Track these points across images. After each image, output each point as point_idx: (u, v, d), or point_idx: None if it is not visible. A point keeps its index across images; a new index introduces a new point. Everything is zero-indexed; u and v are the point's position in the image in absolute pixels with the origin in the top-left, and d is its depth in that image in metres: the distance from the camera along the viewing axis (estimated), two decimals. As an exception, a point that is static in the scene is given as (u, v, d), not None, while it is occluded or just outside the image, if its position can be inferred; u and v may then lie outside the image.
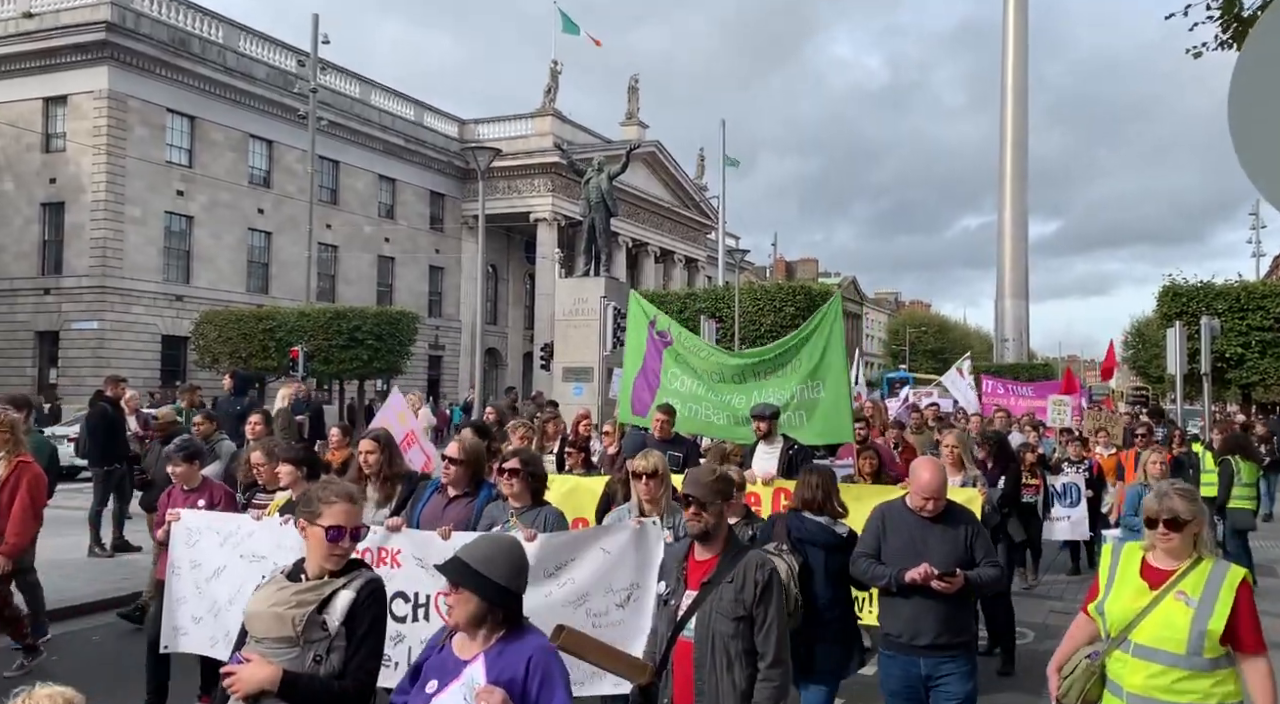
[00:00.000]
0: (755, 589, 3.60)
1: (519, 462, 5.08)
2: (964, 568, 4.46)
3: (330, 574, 3.09)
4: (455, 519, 5.19)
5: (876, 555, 4.67)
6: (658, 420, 8.12)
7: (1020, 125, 54.23)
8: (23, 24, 33.67)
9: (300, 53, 36.03)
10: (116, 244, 33.35)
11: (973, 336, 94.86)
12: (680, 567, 3.82)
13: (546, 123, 48.32)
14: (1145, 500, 3.59)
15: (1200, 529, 3.48)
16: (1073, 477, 10.67)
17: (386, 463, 5.83)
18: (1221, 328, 21.54)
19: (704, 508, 3.69)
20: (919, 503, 4.58)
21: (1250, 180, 2.82)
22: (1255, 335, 22.54)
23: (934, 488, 4.55)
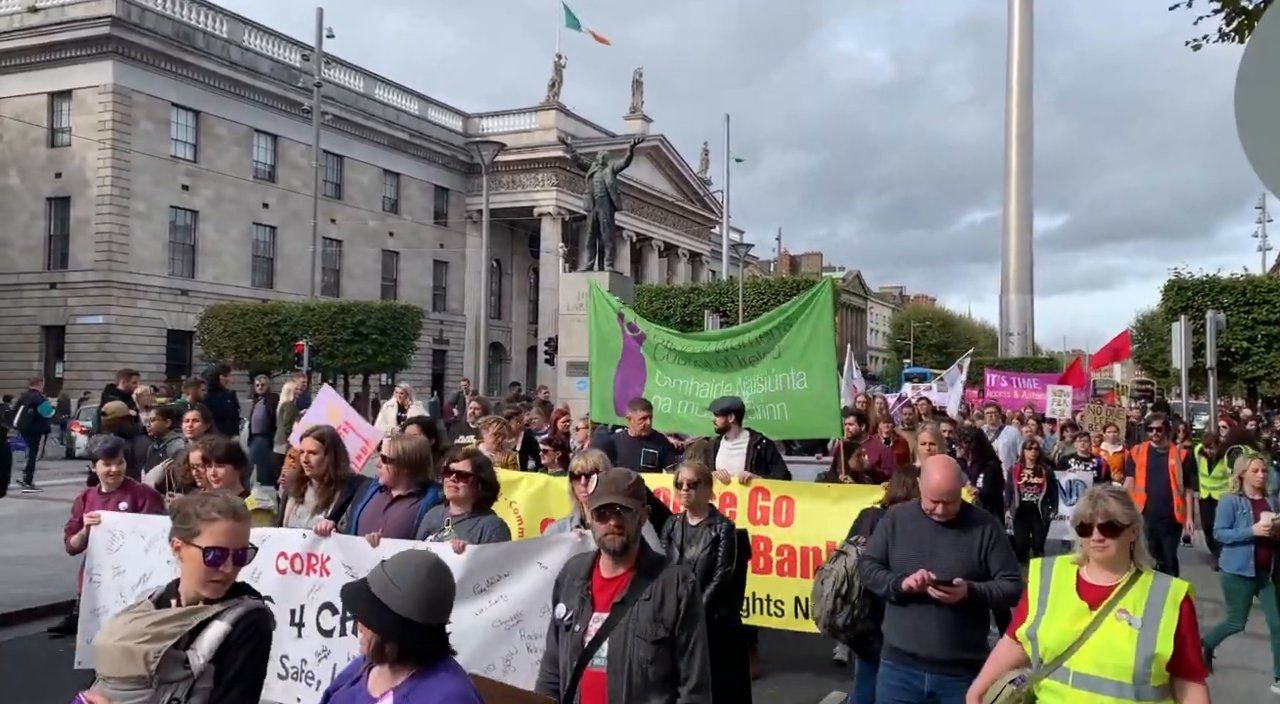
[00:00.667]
0: (678, 606, 3.19)
1: (469, 464, 4.56)
2: (976, 577, 4.11)
3: (205, 601, 2.64)
4: (395, 523, 4.79)
5: (885, 562, 4.38)
6: (636, 417, 7.64)
7: (1025, 119, 54.12)
8: (28, 18, 33.72)
9: (305, 47, 36.01)
10: (122, 238, 33.43)
11: (977, 331, 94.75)
12: (584, 586, 3.33)
13: (550, 117, 48.30)
14: (1078, 504, 3.26)
15: (1137, 537, 3.19)
16: (1080, 474, 10.25)
17: (331, 464, 5.32)
18: (1227, 322, 21.51)
19: (625, 519, 3.23)
20: (929, 506, 4.23)
21: (1255, 171, 2.83)
22: (1261, 329, 22.50)
23: (945, 489, 4.17)
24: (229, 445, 5.71)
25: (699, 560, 5.04)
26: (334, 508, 5.19)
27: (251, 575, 4.53)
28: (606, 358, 8.29)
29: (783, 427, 7.52)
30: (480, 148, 21.85)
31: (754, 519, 6.46)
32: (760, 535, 6.40)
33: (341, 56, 41.99)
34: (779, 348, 7.38)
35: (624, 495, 3.27)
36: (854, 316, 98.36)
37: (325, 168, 38.20)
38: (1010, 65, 54.39)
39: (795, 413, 7.36)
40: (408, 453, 4.96)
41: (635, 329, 8.12)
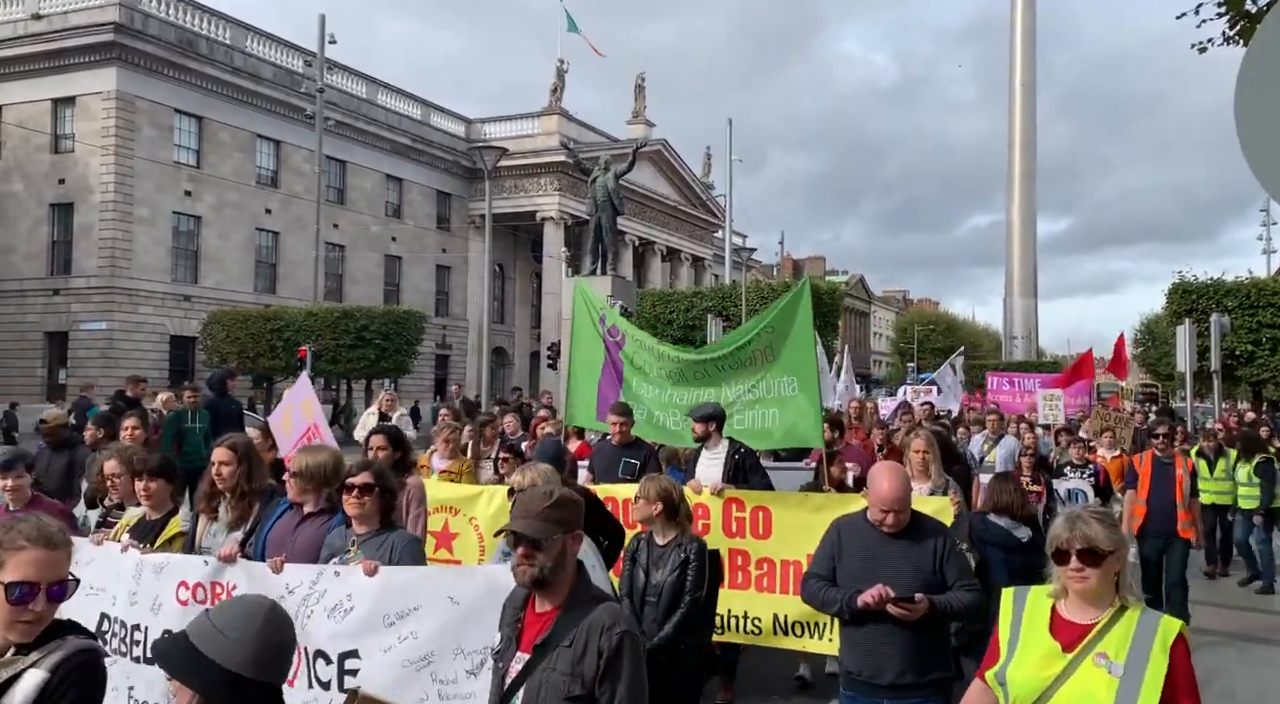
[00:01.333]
0: (599, 660, 2.69)
1: (370, 475, 4.10)
2: (932, 590, 3.79)
3: (17, 648, 2.23)
4: (304, 545, 4.36)
5: (831, 577, 4.01)
6: (614, 423, 7.22)
7: (1029, 123, 54.08)
8: (31, 25, 33.81)
9: (307, 53, 36.12)
10: (125, 244, 33.48)
11: (981, 335, 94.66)
12: (515, 619, 2.94)
13: (553, 122, 48.36)
14: (1053, 526, 2.85)
15: (1122, 566, 2.76)
16: (1078, 482, 9.81)
17: (245, 477, 4.79)
18: (1232, 325, 21.45)
19: (537, 547, 2.76)
20: (878, 516, 3.90)
21: (1256, 177, 2.79)
22: (1266, 332, 22.43)
23: (894, 498, 3.86)
24: (162, 457, 5.28)
25: (666, 585, 4.72)
26: (251, 523, 4.75)
27: (152, 607, 4.31)
28: (590, 362, 7.87)
29: (771, 434, 7.18)
30: (482, 153, 21.87)
31: (729, 532, 6.17)
32: (737, 549, 6.14)
33: (344, 62, 42.06)
34: (771, 351, 7.03)
35: (536, 519, 2.80)
36: (858, 320, 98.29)
37: (328, 173, 38.27)
38: (1013, 68, 54.37)
39: (785, 420, 6.99)
40: (315, 466, 4.48)
41: (615, 333, 7.76)
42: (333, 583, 3.97)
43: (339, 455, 4.72)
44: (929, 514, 5.44)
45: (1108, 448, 11.24)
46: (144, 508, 4.98)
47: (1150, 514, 8.15)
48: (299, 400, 7.33)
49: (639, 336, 7.77)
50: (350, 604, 3.90)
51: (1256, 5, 7.27)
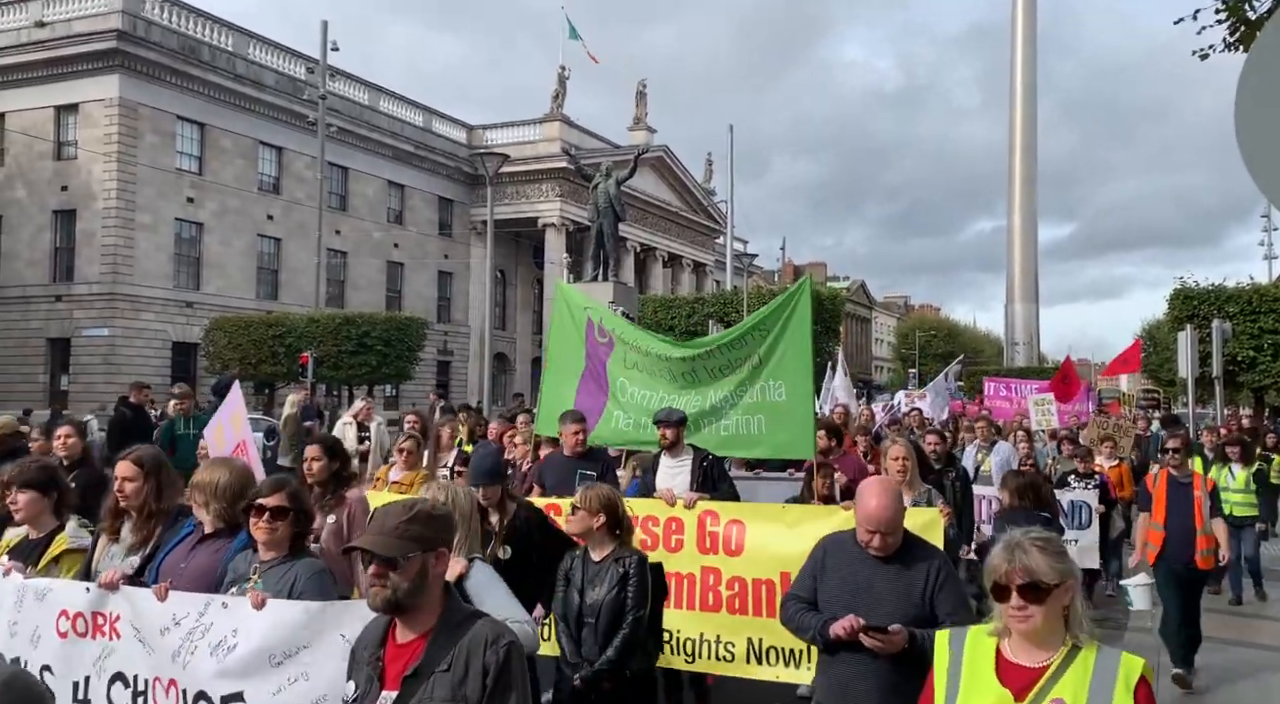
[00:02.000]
0: (484, 679, 2.47)
1: (284, 497, 3.62)
2: (920, 624, 3.39)
3: None
4: (197, 570, 3.86)
5: (812, 600, 3.67)
6: (568, 432, 6.74)
7: (1029, 128, 54.14)
8: (34, 33, 33.93)
9: (309, 59, 36.20)
10: (127, 251, 33.54)
11: (983, 340, 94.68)
12: (374, 657, 2.61)
13: (555, 128, 48.46)
14: (991, 556, 2.52)
15: (1071, 597, 2.44)
16: (1082, 493, 9.13)
17: (152, 495, 4.26)
18: (1233, 331, 21.46)
19: (391, 566, 2.46)
20: (865, 537, 3.54)
21: (1256, 184, 2.81)
22: (1267, 338, 22.44)
23: (883, 517, 3.49)
24: (40, 467, 4.77)
25: (604, 604, 4.33)
26: (152, 546, 4.24)
27: (31, 638, 3.92)
28: (568, 369, 7.39)
29: (759, 442, 6.75)
30: (484, 159, 21.94)
31: (703, 548, 5.69)
32: (710, 567, 5.67)
33: (346, 69, 42.19)
34: (759, 354, 6.60)
35: (389, 535, 2.49)
36: (859, 326, 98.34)
37: (330, 180, 38.33)
38: (1014, 73, 54.45)
39: (772, 427, 6.57)
40: (214, 482, 4.00)
41: (604, 334, 7.24)
42: (219, 616, 3.54)
43: (247, 471, 4.27)
44: (919, 531, 5.11)
45: (1107, 457, 10.71)
46: (25, 528, 4.44)
47: (1167, 540, 7.19)
48: (228, 414, 6.73)
49: (635, 336, 7.24)
50: (234, 640, 3.47)
51: (1256, 12, 7.30)
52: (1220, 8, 7.16)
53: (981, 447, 10.28)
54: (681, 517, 5.77)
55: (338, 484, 5.00)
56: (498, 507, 4.88)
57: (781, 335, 6.55)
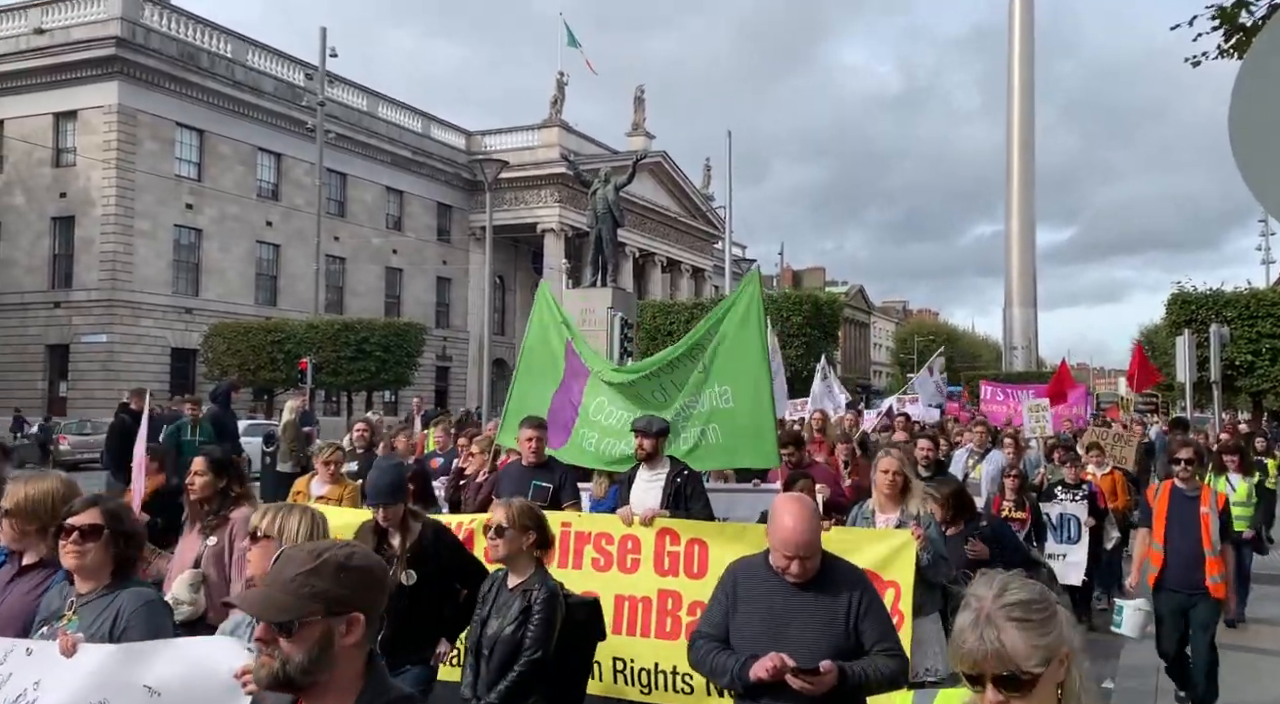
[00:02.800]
0: None
1: (97, 513, 3.04)
2: (846, 655, 3.09)
3: None
4: (11, 608, 3.30)
5: (724, 637, 3.26)
6: (523, 438, 6.22)
7: (1027, 131, 54.24)
8: (34, 40, 33.97)
9: (308, 66, 36.28)
10: (126, 257, 33.55)
11: (981, 345, 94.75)
12: None
13: (553, 134, 48.52)
14: (956, 629, 1.88)
15: (1066, 673, 1.85)
16: (1070, 506, 8.51)
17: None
18: (1231, 335, 21.46)
19: (285, 632, 1.90)
20: (781, 562, 3.17)
21: (1250, 190, 2.82)
22: (1266, 342, 22.45)
23: (799, 540, 3.12)
24: None
25: (501, 638, 3.82)
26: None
27: None
28: (544, 373, 6.86)
29: (715, 453, 6.23)
30: (483, 165, 21.95)
31: (661, 570, 5.31)
32: (668, 590, 5.26)
33: (345, 75, 42.26)
34: (705, 359, 6.14)
35: (282, 591, 1.92)
36: (857, 331, 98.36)
37: (328, 186, 38.38)
38: (1011, 76, 54.57)
39: (728, 437, 6.09)
40: (34, 500, 3.38)
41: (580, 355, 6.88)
42: (21, 664, 2.88)
43: (70, 486, 3.55)
44: (890, 555, 4.87)
45: (1096, 464, 9.98)
46: None
47: (1168, 563, 6.31)
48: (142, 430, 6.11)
49: (597, 363, 6.85)
50: (35, 694, 2.81)
51: (1251, 18, 7.33)
52: (1214, 15, 7.19)
53: (974, 453, 9.67)
54: (639, 534, 5.34)
55: (224, 502, 4.50)
56: (400, 527, 4.42)
57: (728, 336, 6.08)
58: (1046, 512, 8.25)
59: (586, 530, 5.49)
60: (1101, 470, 9.88)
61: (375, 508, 4.39)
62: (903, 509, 5.21)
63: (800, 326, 31.71)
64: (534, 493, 5.86)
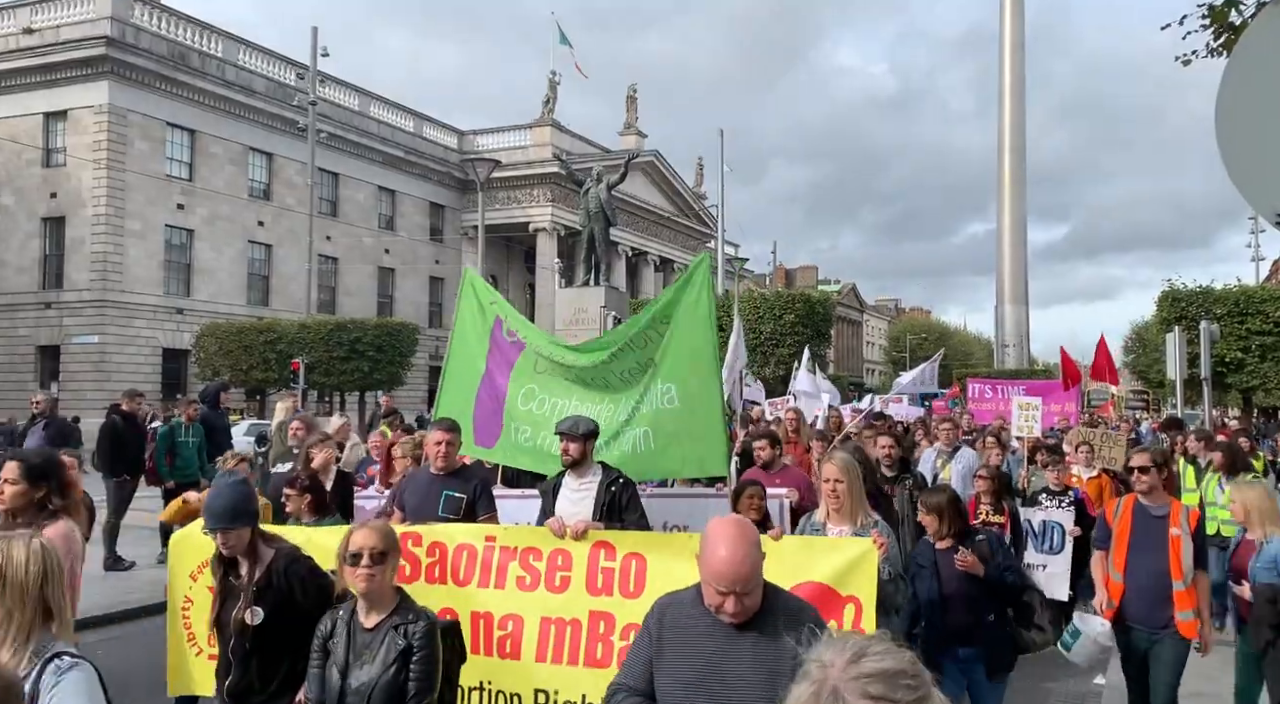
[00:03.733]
0: None
1: None
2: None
3: None
4: None
5: (648, 690, 2.77)
6: (435, 442, 5.55)
7: (1018, 130, 54.36)
8: (23, 40, 33.82)
9: (300, 66, 36.18)
10: (117, 258, 33.44)
11: (973, 342, 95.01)
12: None
13: (545, 133, 48.50)
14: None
15: None
16: (1055, 513, 7.72)
17: None
18: (1221, 332, 21.56)
19: None
20: (714, 599, 2.64)
21: (1237, 188, 2.84)
22: (1255, 340, 22.57)
23: (738, 574, 2.58)
24: None
25: (376, 689, 3.26)
26: None
27: None
28: (470, 369, 6.27)
29: (656, 459, 5.59)
30: (475, 165, 21.92)
31: (594, 588, 4.69)
32: (601, 611, 4.63)
33: (339, 74, 42.20)
34: (654, 355, 5.54)
35: None
36: (850, 329, 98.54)
37: (320, 186, 38.27)
38: (1002, 76, 54.68)
39: (674, 441, 5.45)
40: None
41: (513, 335, 6.19)
42: None
43: None
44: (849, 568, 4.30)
45: (1084, 465, 9.19)
46: None
47: (1129, 594, 5.33)
48: None
49: (541, 341, 6.16)
50: None
51: (1241, 18, 7.36)
52: (1205, 14, 7.22)
53: (943, 452, 8.95)
54: (569, 549, 4.75)
55: (38, 515, 3.99)
56: (247, 554, 3.82)
57: (675, 329, 5.47)
58: (1028, 518, 7.58)
59: (512, 545, 4.85)
60: (1089, 472, 9.13)
61: (212, 533, 3.81)
62: (854, 524, 4.78)
63: (793, 325, 31.75)
64: (445, 504, 5.39)
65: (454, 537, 4.93)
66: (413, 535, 4.88)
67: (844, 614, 4.22)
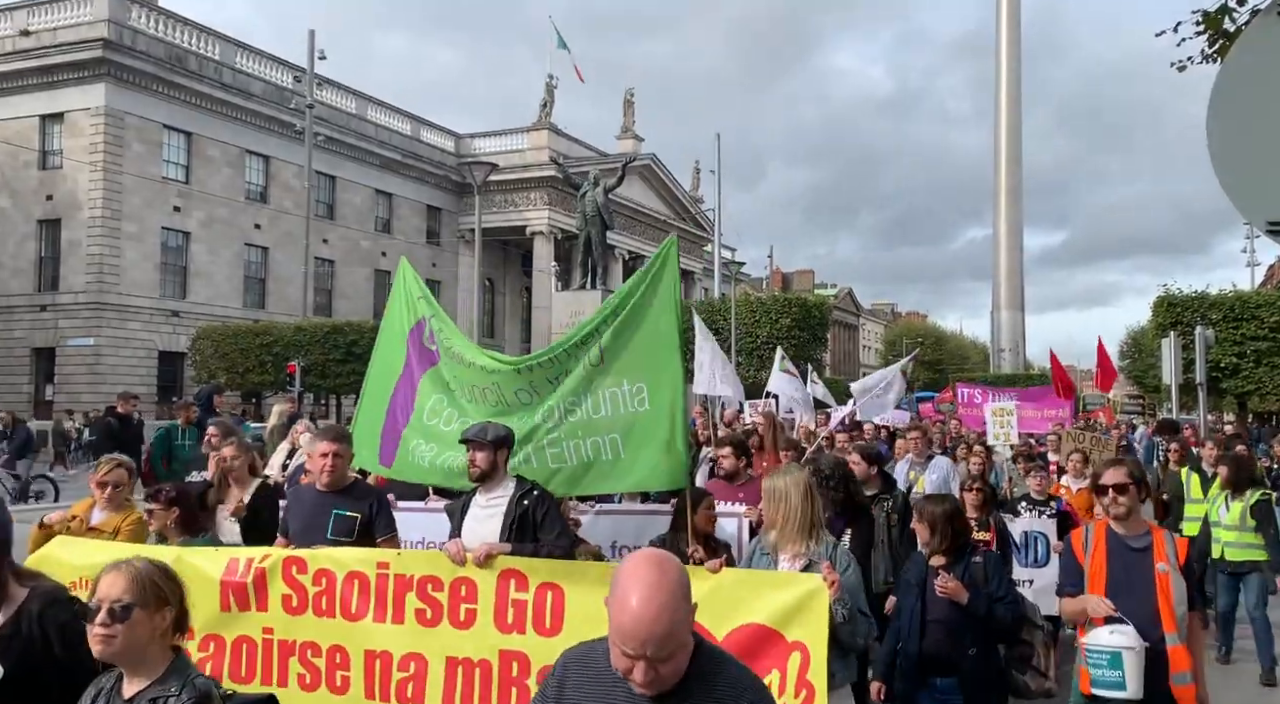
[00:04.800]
0: None
1: None
2: None
3: None
4: None
5: None
6: (321, 454, 4.86)
7: (1015, 136, 54.48)
8: (20, 42, 33.79)
9: (297, 68, 36.17)
10: (113, 260, 33.39)
11: (969, 347, 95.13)
12: None
13: (543, 137, 48.54)
14: None
15: None
16: (1036, 523, 7.24)
17: None
18: (1216, 337, 21.61)
19: None
20: (621, 663, 2.05)
21: (1228, 197, 2.85)
22: (1250, 345, 22.62)
23: (647, 634, 1.99)
24: None
25: None
26: None
27: None
28: (388, 373, 5.52)
29: (615, 476, 4.86)
30: (472, 168, 21.95)
31: (504, 625, 4.10)
32: (512, 651, 4.06)
33: (334, 78, 42.18)
34: (603, 342, 4.77)
35: None
36: (846, 333, 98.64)
37: (317, 188, 38.27)
38: (999, 81, 54.80)
39: (637, 451, 4.73)
40: None
41: (434, 340, 5.38)
42: None
43: None
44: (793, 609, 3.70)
45: (1074, 476, 8.62)
46: None
47: None
48: None
49: (462, 346, 5.30)
50: None
51: (1235, 24, 7.39)
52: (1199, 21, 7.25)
53: (915, 463, 8.33)
54: (474, 578, 4.15)
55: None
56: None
57: (645, 317, 4.76)
58: (1010, 530, 6.90)
59: (408, 573, 4.27)
60: (1079, 483, 8.40)
61: None
62: (804, 543, 4.20)
63: (789, 329, 31.80)
64: (335, 526, 4.73)
65: (343, 563, 4.38)
66: (297, 561, 4.38)
67: (789, 663, 3.68)
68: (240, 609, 4.40)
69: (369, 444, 5.40)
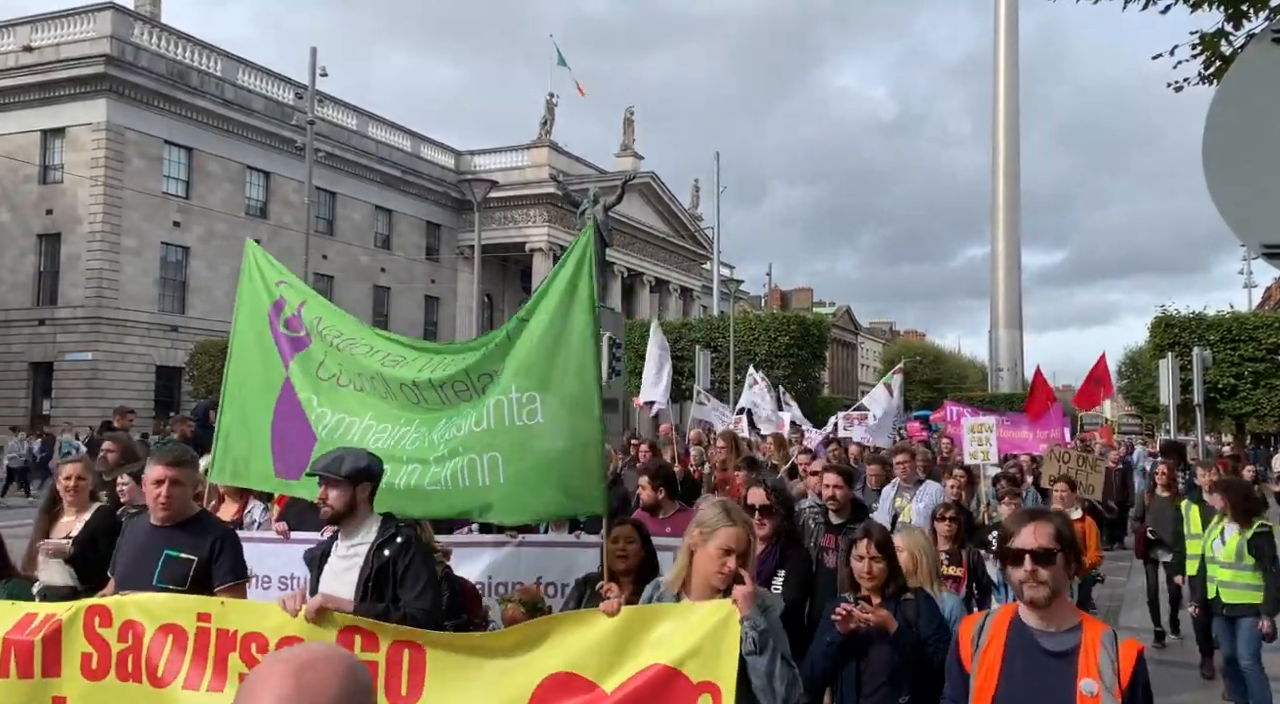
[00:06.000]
0: None
1: None
2: None
3: None
4: None
5: None
6: (154, 481, 4.00)
7: (1013, 156, 54.70)
8: (22, 57, 33.93)
9: (298, 85, 36.32)
10: (112, 275, 33.40)
11: (968, 366, 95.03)
12: None
13: (542, 154, 48.70)
14: None
15: None
16: None
17: None
18: (1213, 358, 21.64)
19: None
20: None
21: (1223, 218, 2.86)
22: (1248, 366, 22.65)
23: None
24: None
25: None
26: None
27: None
28: (262, 378, 4.76)
29: (485, 497, 4.15)
30: (472, 185, 22.01)
31: None
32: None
33: (336, 94, 42.37)
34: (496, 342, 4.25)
35: None
36: (845, 351, 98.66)
37: (317, 204, 38.35)
38: (997, 101, 55.08)
39: (523, 472, 4.08)
40: None
41: (295, 327, 4.74)
42: None
43: None
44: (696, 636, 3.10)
45: (1063, 506, 7.82)
46: None
47: None
48: None
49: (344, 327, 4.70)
50: None
51: (1232, 47, 7.43)
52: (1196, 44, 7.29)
53: (903, 488, 7.64)
54: (304, 637, 3.34)
55: None
56: None
57: (545, 316, 4.15)
58: (986, 565, 5.86)
59: (232, 628, 3.46)
60: (1072, 513, 7.70)
61: None
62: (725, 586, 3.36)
63: (787, 347, 31.80)
64: (163, 570, 3.87)
65: (156, 614, 3.49)
66: (100, 610, 3.50)
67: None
68: (21, 675, 3.44)
69: (259, 457, 4.58)
